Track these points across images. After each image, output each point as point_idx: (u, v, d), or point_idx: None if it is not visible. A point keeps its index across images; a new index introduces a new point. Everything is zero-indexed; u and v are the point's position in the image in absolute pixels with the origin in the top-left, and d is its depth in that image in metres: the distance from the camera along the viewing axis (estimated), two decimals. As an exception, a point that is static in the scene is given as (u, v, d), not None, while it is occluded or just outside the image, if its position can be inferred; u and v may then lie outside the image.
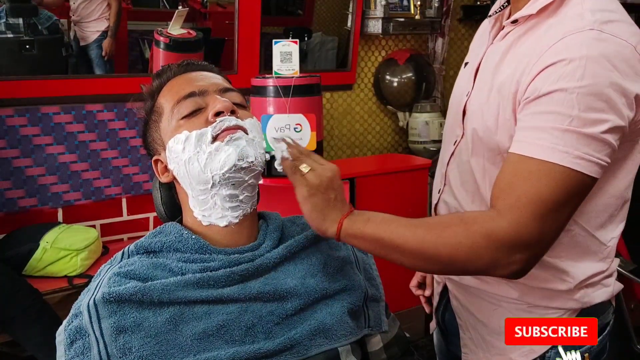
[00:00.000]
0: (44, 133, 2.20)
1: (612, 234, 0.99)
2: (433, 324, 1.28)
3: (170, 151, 0.90)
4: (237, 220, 0.90)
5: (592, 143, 0.82)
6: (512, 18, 0.97)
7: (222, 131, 0.86)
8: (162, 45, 2.39)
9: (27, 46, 2.34)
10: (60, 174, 2.25)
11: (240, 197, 0.89)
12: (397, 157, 3.05)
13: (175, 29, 2.39)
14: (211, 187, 0.87)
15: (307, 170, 0.87)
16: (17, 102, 2.15)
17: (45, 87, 2.21)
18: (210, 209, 0.90)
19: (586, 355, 0.99)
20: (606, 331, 1.03)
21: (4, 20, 2.30)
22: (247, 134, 0.88)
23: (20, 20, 2.33)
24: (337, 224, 0.87)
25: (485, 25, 1.11)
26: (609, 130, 0.83)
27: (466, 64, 1.12)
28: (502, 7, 1.06)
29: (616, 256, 1.05)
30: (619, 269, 1.68)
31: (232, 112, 0.89)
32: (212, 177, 0.86)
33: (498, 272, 0.86)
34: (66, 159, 2.26)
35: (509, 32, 0.99)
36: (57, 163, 2.24)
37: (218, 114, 0.87)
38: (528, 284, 0.98)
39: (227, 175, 0.85)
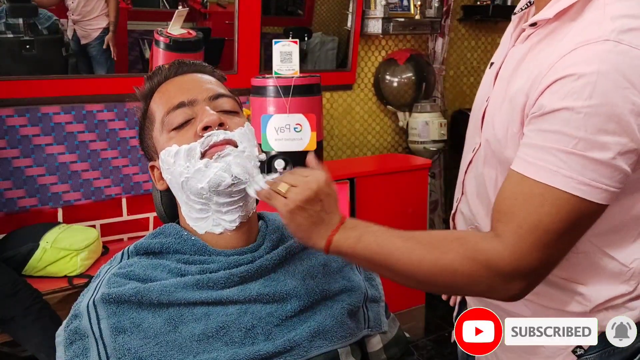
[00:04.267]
0: (44, 133, 2.20)
1: (635, 255, 0.90)
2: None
3: (163, 162, 0.90)
4: (232, 227, 0.90)
5: (599, 169, 0.76)
6: (531, 21, 0.90)
7: (210, 147, 0.86)
8: (162, 45, 2.39)
9: (27, 46, 2.34)
10: (60, 174, 2.25)
11: (234, 207, 0.89)
12: (397, 157, 3.05)
13: (175, 29, 2.39)
14: (203, 198, 0.87)
15: (285, 190, 0.81)
16: (17, 102, 2.15)
17: (45, 87, 2.21)
18: (204, 219, 0.90)
19: None
20: (637, 358, 0.95)
21: (4, 20, 2.30)
22: (236, 146, 0.87)
23: (20, 20, 2.33)
24: (325, 241, 0.82)
25: (511, 24, 1.02)
26: (619, 155, 0.76)
27: (492, 64, 1.04)
28: (527, 4, 0.98)
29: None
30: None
31: (221, 125, 0.87)
32: (203, 194, 0.86)
33: (495, 297, 0.84)
34: (66, 159, 2.26)
35: (529, 34, 0.92)
36: (57, 163, 2.24)
37: (206, 128, 0.87)
38: (543, 304, 0.94)
39: (216, 191, 0.85)
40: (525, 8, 0.98)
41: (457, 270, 0.80)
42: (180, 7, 2.52)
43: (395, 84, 3.02)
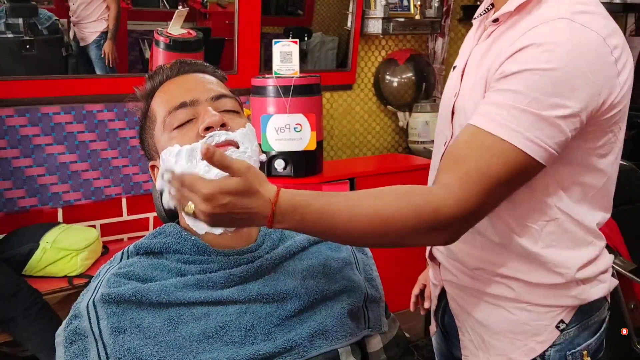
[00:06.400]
0: (44, 133, 2.20)
1: (595, 219, 1.00)
2: (433, 327, 1.28)
3: (164, 162, 0.90)
4: (232, 229, 0.90)
5: (545, 127, 0.84)
6: (493, 17, 0.99)
7: None
8: (162, 45, 2.39)
9: (27, 46, 2.34)
10: (60, 174, 2.25)
11: None
12: (397, 157, 3.05)
13: (175, 29, 2.39)
14: None
15: (192, 210, 0.74)
16: (17, 102, 2.15)
17: (45, 87, 2.21)
18: None
19: (584, 352, 1.01)
20: (603, 328, 1.04)
21: (4, 20, 2.30)
22: (238, 147, 0.87)
23: (20, 20, 2.33)
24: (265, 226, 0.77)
25: (473, 28, 1.14)
26: (564, 117, 0.84)
27: (454, 67, 1.14)
28: (487, 10, 1.09)
29: (615, 256, 1.05)
30: (618, 268, 1.69)
31: (223, 125, 0.87)
32: None
33: (433, 242, 0.91)
34: (66, 159, 2.26)
35: (492, 31, 1.01)
36: (57, 163, 2.24)
37: (208, 128, 0.87)
38: (526, 280, 0.99)
39: None
40: (485, 13, 1.09)
41: (406, 227, 0.81)
42: (180, 7, 2.52)
43: (395, 84, 3.02)
